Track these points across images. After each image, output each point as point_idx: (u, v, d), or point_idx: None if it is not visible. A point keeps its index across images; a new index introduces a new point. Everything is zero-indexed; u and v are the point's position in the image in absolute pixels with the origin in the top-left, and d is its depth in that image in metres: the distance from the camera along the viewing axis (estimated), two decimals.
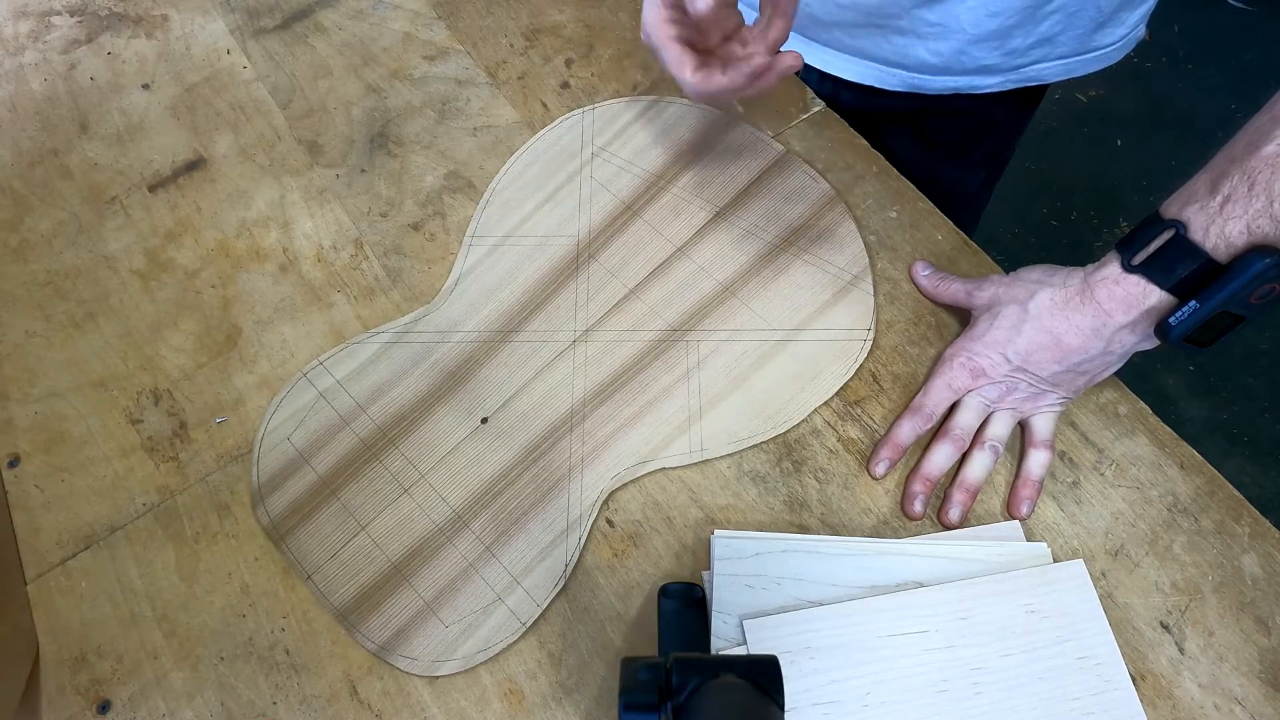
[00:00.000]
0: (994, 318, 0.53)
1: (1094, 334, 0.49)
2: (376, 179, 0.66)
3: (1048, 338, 0.50)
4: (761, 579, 0.49)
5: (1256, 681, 0.48)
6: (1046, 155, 1.71)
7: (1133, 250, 0.47)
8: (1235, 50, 1.84)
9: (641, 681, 0.38)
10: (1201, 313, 0.45)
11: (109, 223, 0.65)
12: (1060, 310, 0.50)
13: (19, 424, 0.58)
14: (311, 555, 0.52)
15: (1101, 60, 0.69)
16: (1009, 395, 0.53)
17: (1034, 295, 0.51)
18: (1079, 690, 0.46)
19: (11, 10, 0.76)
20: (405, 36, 0.73)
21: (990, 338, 0.53)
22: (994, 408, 0.54)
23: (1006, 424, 0.53)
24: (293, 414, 0.57)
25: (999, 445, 0.53)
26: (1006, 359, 0.52)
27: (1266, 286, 0.43)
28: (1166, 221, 0.46)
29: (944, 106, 0.70)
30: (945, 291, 0.57)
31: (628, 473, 0.54)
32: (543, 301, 0.60)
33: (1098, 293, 0.48)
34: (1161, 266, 0.46)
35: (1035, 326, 0.51)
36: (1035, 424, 0.53)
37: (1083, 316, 0.49)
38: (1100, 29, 0.65)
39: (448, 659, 0.49)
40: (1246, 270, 0.43)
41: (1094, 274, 0.49)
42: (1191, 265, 0.45)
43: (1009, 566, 0.49)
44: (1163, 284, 0.46)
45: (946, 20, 0.63)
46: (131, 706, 0.50)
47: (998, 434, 0.53)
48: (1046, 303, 0.51)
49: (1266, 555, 0.51)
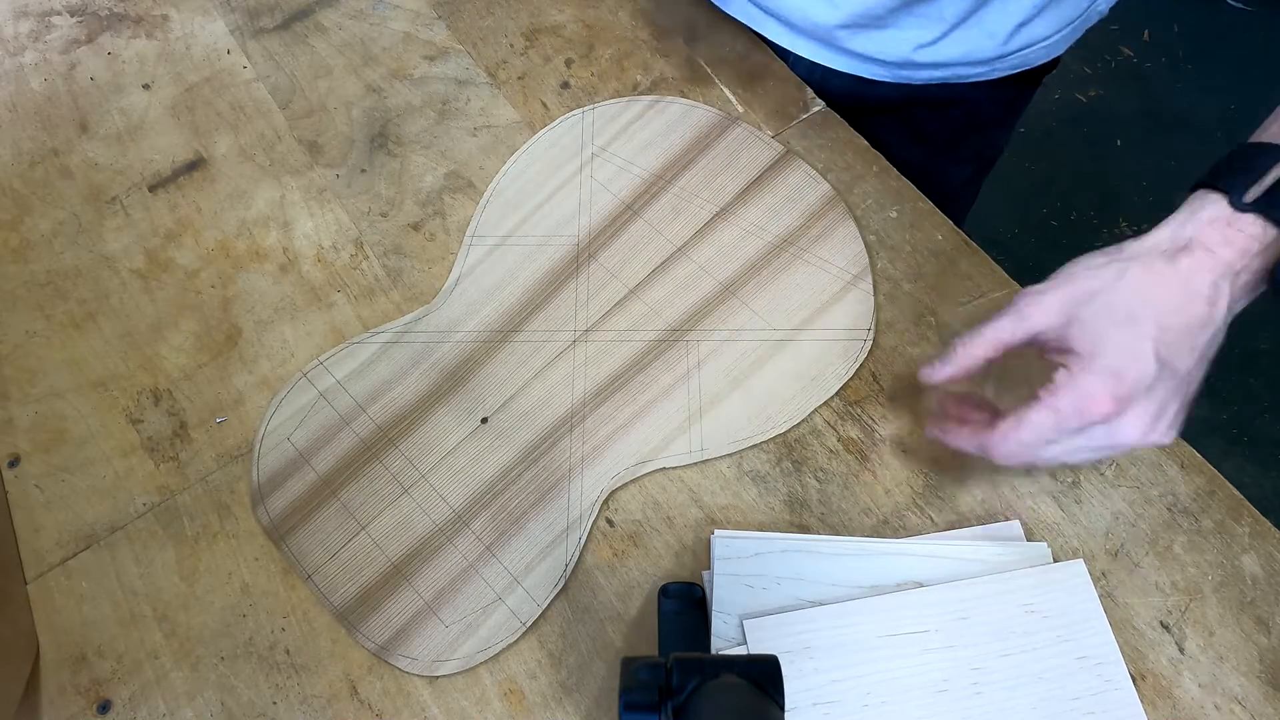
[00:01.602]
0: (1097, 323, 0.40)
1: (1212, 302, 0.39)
2: (376, 179, 0.66)
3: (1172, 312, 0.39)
4: (761, 579, 0.49)
5: (1256, 681, 0.48)
6: (1046, 155, 1.71)
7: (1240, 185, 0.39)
8: (1235, 50, 1.84)
9: (641, 681, 0.38)
10: None
11: (109, 223, 0.65)
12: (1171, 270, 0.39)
13: (19, 424, 0.58)
14: (311, 555, 0.52)
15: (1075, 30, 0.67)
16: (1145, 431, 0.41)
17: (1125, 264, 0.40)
18: (1079, 690, 0.46)
19: (11, 10, 0.76)
20: (405, 36, 0.73)
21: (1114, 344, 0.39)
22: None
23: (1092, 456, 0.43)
24: (293, 414, 0.57)
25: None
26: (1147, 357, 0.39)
27: None
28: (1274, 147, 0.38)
29: (931, 97, 0.70)
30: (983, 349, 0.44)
31: (628, 473, 0.54)
32: (543, 301, 0.60)
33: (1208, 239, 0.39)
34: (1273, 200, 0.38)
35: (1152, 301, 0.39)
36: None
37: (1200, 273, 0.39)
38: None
39: (448, 659, 0.49)
40: None
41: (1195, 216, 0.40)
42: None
43: (1009, 566, 0.49)
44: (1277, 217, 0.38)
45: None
46: (131, 706, 0.50)
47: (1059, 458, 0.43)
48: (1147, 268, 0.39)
49: (1266, 555, 0.51)
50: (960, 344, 0.45)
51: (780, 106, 0.68)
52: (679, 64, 0.70)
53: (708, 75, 0.70)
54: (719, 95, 0.69)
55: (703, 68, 0.70)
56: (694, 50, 0.71)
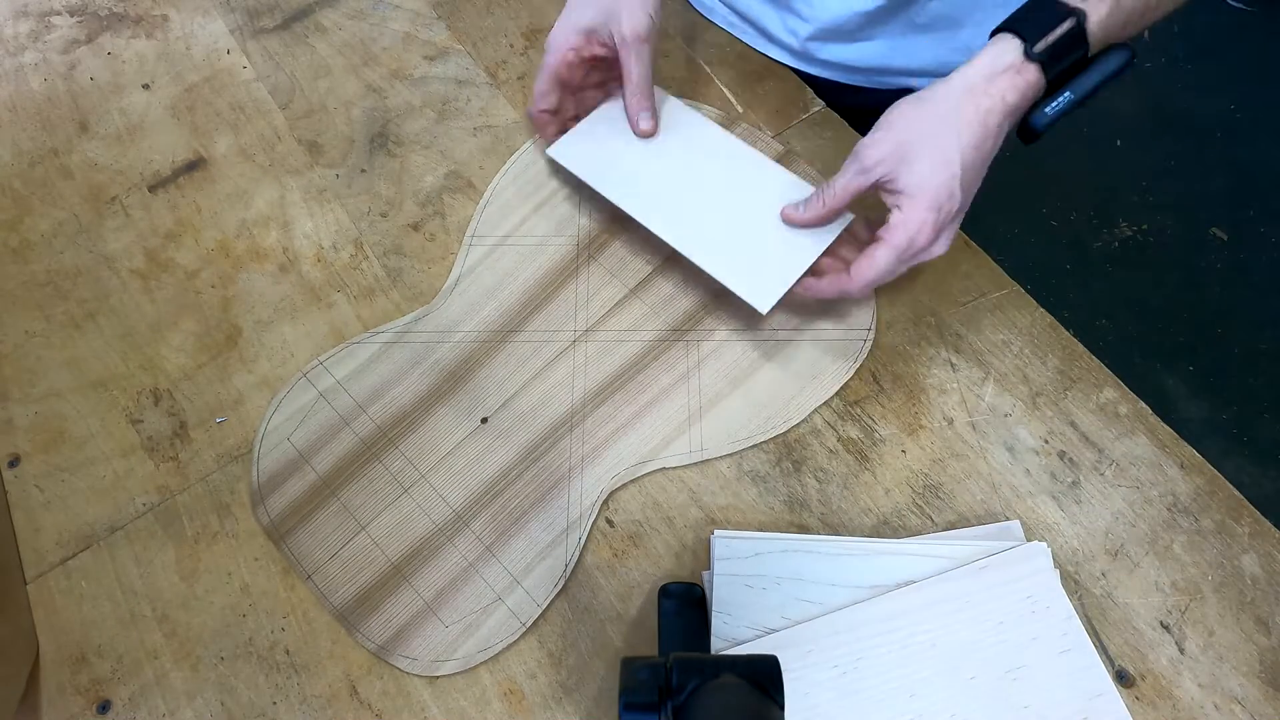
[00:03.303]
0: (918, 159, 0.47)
1: (999, 127, 0.47)
2: (376, 179, 0.66)
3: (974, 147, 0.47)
4: (761, 579, 0.49)
5: (1256, 681, 0.48)
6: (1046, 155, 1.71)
7: (1034, 36, 0.45)
8: (1235, 50, 1.84)
9: (641, 681, 0.38)
10: (1073, 100, 0.45)
11: (109, 223, 0.65)
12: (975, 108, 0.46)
13: (19, 424, 0.58)
14: (311, 555, 0.52)
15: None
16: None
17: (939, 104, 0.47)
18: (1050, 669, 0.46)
19: (11, 10, 0.76)
20: (405, 36, 0.73)
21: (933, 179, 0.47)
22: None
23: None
24: (293, 414, 0.57)
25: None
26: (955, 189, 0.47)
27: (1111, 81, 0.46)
28: (1066, 8, 0.45)
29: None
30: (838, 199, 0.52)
31: (628, 473, 0.54)
32: (543, 301, 0.60)
33: (1002, 81, 0.46)
34: (1055, 55, 0.45)
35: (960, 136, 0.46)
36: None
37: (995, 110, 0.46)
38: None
39: (447, 659, 0.49)
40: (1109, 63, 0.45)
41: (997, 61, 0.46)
42: (1076, 56, 0.45)
43: (1008, 565, 0.49)
44: (1048, 74, 0.46)
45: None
46: (131, 706, 0.50)
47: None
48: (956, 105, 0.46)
49: (1266, 555, 0.51)
50: (818, 194, 0.53)
51: (780, 106, 0.68)
52: (679, 64, 0.70)
53: (708, 75, 0.70)
54: (719, 95, 0.69)
55: (703, 68, 0.70)
56: (694, 50, 0.71)
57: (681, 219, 0.58)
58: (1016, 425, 0.55)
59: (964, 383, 0.56)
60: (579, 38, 0.57)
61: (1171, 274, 1.59)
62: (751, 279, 0.55)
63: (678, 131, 0.62)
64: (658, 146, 0.61)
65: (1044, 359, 0.57)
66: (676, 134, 0.62)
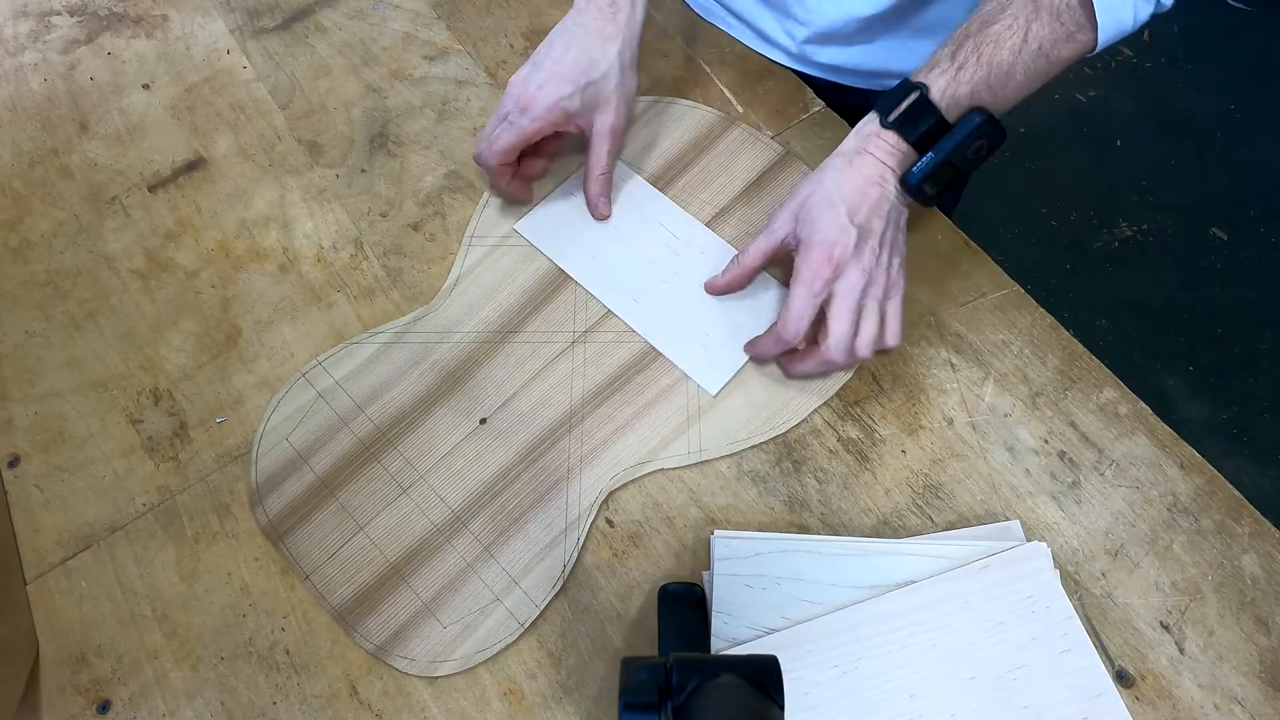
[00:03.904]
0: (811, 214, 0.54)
1: (880, 180, 0.54)
2: (376, 179, 0.66)
3: (856, 195, 0.53)
4: (761, 579, 0.49)
5: (1256, 681, 0.48)
6: (1046, 155, 1.71)
7: (888, 109, 0.53)
8: (1235, 50, 1.84)
9: (641, 681, 0.38)
10: (936, 160, 0.53)
11: (109, 223, 0.65)
12: (851, 168, 0.54)
13: (19, 424, 0.58)
14: (310, 555, 0.52)
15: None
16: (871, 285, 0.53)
17: (824, 173, 0.55)
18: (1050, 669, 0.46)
19: (11, 10, 0.76)
20: (405, 36, 0.73)
21: (823, 224, 0.53)
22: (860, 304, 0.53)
23: (873, 320, 0.53)
24: (291, 414, 0.57)
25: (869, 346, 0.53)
26: (847, 226, 0.52)
27: (979, 142, 0.53)
28: (914, 84, 0.53)
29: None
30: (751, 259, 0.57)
31: (626, 473, 0.54)
32: (542, 302, 0.60)
33: (870, 146, 0.54)
34: (909, 122, 0.53)
35: (842, 190, 0.53)
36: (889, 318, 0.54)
37: (867, 167, 0.54)
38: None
39: (445, 659, 0.49)
40: (966, 125, 0.52)
41: (861, 132, 0.55)
42: (930, 122, 0.53)
43: (1008, 565, 0.49)
44: (909, 137, 0.53)
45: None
46: (131, 706, 0.49)
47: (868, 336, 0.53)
48: (836, 170, 0.54)
49: (1266, 555, 0.51)
50: (735, 260, 0.58)
51: (780, 107, 0.68)
52: (679, 64, 0.70)
53: (708, 75, 0.70)
54: (719, 95, 0.69)
55: (703, 68, 0.70)
56: (694, 50, 0.71)
57: (639, 298, 0.59)
58: (1016, 425, 0.55)
59: (964, 383, 0.56)
60: (560, 115, 0.58)
61: (1171, 274, 1.59)
62: (703, 361, 0.57)
63: (635, 208, 0.63)
64: (615, 226, 0.62)
65: (1044, 359, 0.57)
66: (633, 211, 0.63)
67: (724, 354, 0.57)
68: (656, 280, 0.60)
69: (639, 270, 0.60)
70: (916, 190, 0.54)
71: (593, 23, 0.58)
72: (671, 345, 0.57)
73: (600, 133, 0.59)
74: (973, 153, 0.53)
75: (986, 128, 0.52)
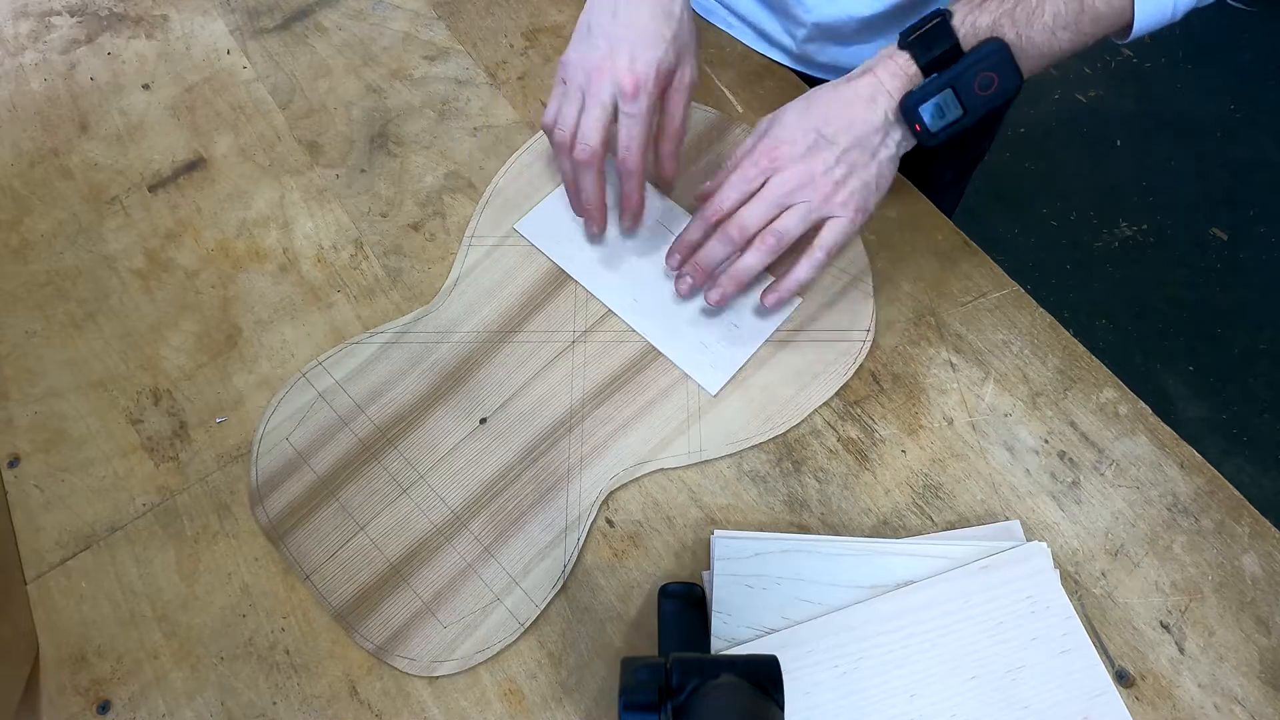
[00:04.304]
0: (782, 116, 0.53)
1: (872, 100, 0.51)
2: (376, 179, 0.66)
3: (837, 106, 0.52)
4: (761, 579, 0.49)
5: (1256, 681, 0.48)
6: (1046, 155, 1.71)
7: (910, 32, 0.52)
8: (1235, 50, 1.84)
9: (641, 681, 0.38)
10: (939, 83, 0.50)
11: (109, 223, 0.65)
12: (846, 84, 0.52)
13: (19, 424, 0.58)
14: (310, 555, 0.52)
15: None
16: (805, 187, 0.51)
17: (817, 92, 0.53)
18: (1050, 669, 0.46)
19: (11, 10, 0.76)
20: (405, 36, 0.73)
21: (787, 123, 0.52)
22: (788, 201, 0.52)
23: (798, 218, 0.52)
24: (291, 414, 0.57)
25: (782, 235, 0.52)
26: (809, 130, 0.51)
27: (988, 75, 0.49)
28: (940, 10, 0.51)
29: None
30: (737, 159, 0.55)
31: (626, 473, 0.54)
32: (542, 302, 0.60)
33: (878, 67, 0.52)
34: (924, 45, 0.51)
35: (823, 98, 0.52)
36: (823, 230, 0.53)
37: (863, 84, 0.52)
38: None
39: (446, 659, 0.49)
40: (979, 51, 0.49)
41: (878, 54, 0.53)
42: (944, 46, 0.50)
43: (1008, 565, 0.49)
44: (920, 59, 0.51)
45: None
46: (131, 706, 0.50)
47: (785, 226, 0.52)
48: (833, 84, 0.53)
49: (1266, 555, 0.51)
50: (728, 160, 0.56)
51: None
52: None
53: (708, 75, 0.70)
54: (719, 95, 0.69)
55: (703, 68, 0.70)
56: None
57: (639, 298, 0.59)
58: (1016, 425, 0.55)
59: (964, 383, 0.56)
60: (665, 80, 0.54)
61: (1171, 274, 1.59)
62: (702, 361, 0.57)
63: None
64: (615, 225, 0.62)
65: (1044, 359, 0.57)
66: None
67: (724, 354, 0.57)
68: (656, 280, 0.60)
69: (639, 270, 0.60)
70: (912, 113, 0.51)
71: None
72: (671, 345, 0.57)
73: (679, 88, 0.55)
74: (980, 85, 0.50)
75: (998, 57, 0.49)
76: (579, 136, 0.54)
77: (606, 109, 0.53)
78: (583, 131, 0.54)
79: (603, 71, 0.53)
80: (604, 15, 0.54)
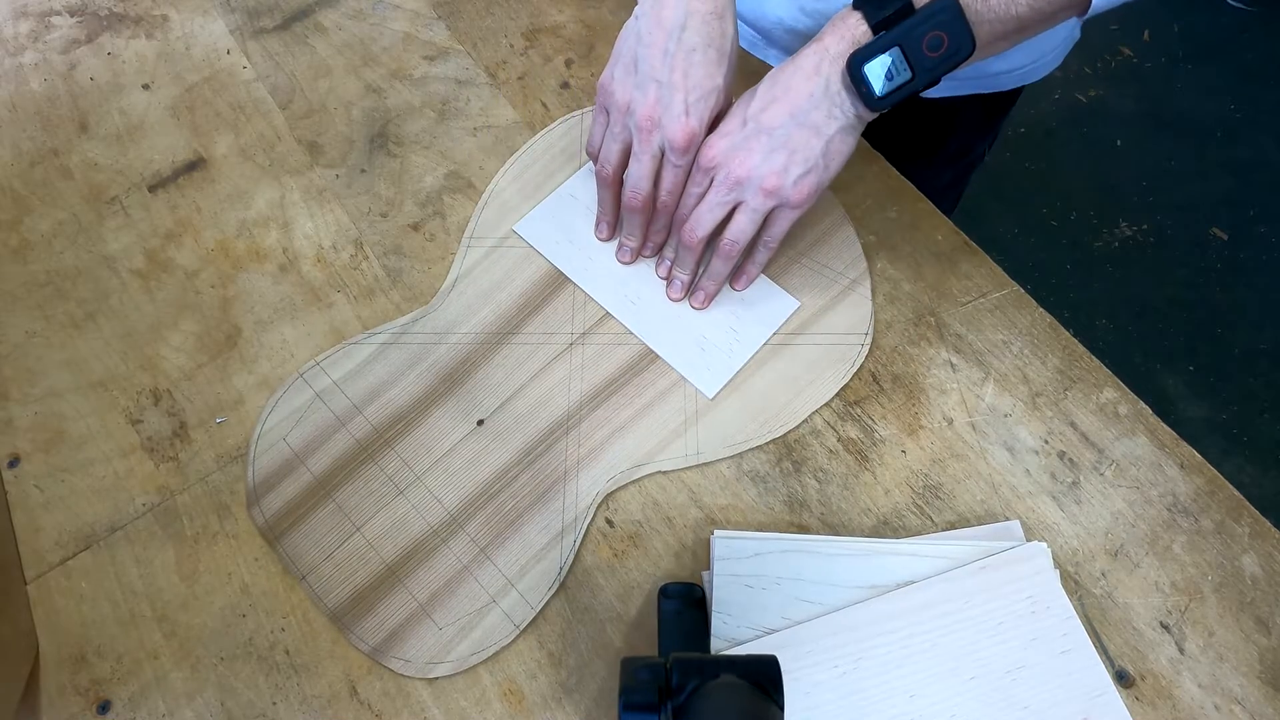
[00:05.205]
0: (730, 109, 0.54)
1: (815, 71, 0.50)
2: (376, 179, 0.66)
3: (778, 84, 0.51)
4: (761, 579, 0.49)
5: (1256, 681, 0.48)
6: (1046, 155, 1.71)
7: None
8: (1235, 50, 1.84)
9: (641, 681, 0.38)
10: (884, 41, 0.48)
11: (109, 223, 0.65)
12: (790, 61, 0.51)
13: (19, 424, 0.58)
14: (306, 556, 0.52)
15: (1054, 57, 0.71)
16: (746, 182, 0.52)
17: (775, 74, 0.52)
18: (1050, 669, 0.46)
19: (11, 10, 0.76)
20: (405, 36, 0.73)
21: (728, 114, 0.53)
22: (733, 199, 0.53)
23: (747, 220, 0.53)
24: (289, 414, 0.57)
25: (737, 241, 0.54)
26: (740, 121, 0.52)
27: (937, 34, 0.47)
28: None
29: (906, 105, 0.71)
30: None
31: (624, 475, 0.54)
32: (540, 304, 0.60)
33: (827, 34, 0.51)
34: (877, 3, 0.49)
35: (766, 81, 0.52)
36: (772, 223, 0.54)
37: (807, 58, 0.51)
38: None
39: (441, 661, 0.49)
40: (929, 8, 0.47)
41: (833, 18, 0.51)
42: (896, 4, 0.48)
43: (1008, 565, 0.49)
44: (871, 19, 0.49)
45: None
46: (131, 706, 0.50)
47: (737, 233, 0.54)
48: (778, 66, 0.52)
49: (1266, 555, 0.51)
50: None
51: None
52: None
53: None
54: None
55: None
56: None
57: (637, 300, 0.59)
58: (1016, 425, 0.55)
59: (964, 383, 0.56)
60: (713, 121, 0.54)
61: (1171, 274, 1.59)
62: (700, 364, 0.57)
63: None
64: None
65: (1044, 359, 0.57)
66: None
67: (721, 357, 0.57)
68: (654, 283, 0.60)
69: (637, 272, 0.60)
70: (858, 75, 0.48)
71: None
72: (669, 348, 0.57)
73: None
74: (929, 45, 0.47)
75: (949, 14, 0.47)
76: (630, 184, 0.56)
77: (656, 158, 0.55)
78: (634, 180, 0.56)
79: (654, 121, 0.53)
80: (654, 53, 0.52)
